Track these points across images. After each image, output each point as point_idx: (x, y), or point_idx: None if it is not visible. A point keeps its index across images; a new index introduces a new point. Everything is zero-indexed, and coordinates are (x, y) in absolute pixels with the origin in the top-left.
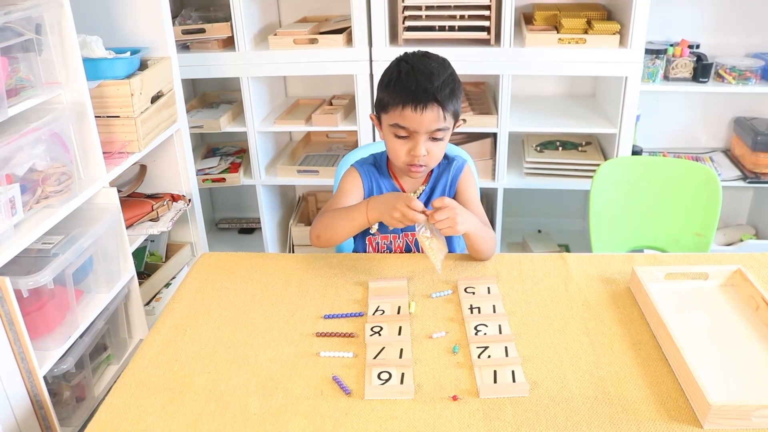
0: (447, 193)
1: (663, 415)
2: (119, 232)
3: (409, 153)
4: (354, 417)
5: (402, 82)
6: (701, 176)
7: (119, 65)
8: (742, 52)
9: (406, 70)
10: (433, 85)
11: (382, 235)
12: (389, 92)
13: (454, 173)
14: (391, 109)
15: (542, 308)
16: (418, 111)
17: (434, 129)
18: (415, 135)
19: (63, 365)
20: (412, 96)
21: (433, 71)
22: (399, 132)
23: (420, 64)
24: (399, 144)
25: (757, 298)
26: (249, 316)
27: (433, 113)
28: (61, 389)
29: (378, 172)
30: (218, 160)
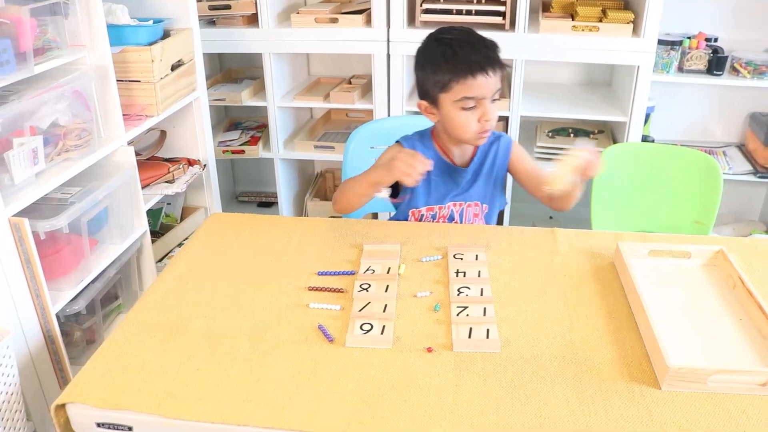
0: (496, 167)
1: (625, 376)
2: (134, 189)
3: (479, 121)
4: (333, 361)
5: (458, 55)
6: (703, 165)
7: (142, 32)
8: (760, 47)
9: (451, 45)
10: (487, 50)
11: (428, 207)
12: (449, 69)
13: (504, 149)
14: (456, 84)
15: (526, 276)
16: (488, 75)
17: (496, 89)
18: (483, 101)
19: (75, 306)
20: (478, 64)
21: (476, 39)
22: (467, 104)
23: (463, 36)
24: (467, 116)
25: (734, 278)
26: (248, 270)
27: (496, 75)
28: (72, 330)
29: (423, 146)
30: (239, 133)
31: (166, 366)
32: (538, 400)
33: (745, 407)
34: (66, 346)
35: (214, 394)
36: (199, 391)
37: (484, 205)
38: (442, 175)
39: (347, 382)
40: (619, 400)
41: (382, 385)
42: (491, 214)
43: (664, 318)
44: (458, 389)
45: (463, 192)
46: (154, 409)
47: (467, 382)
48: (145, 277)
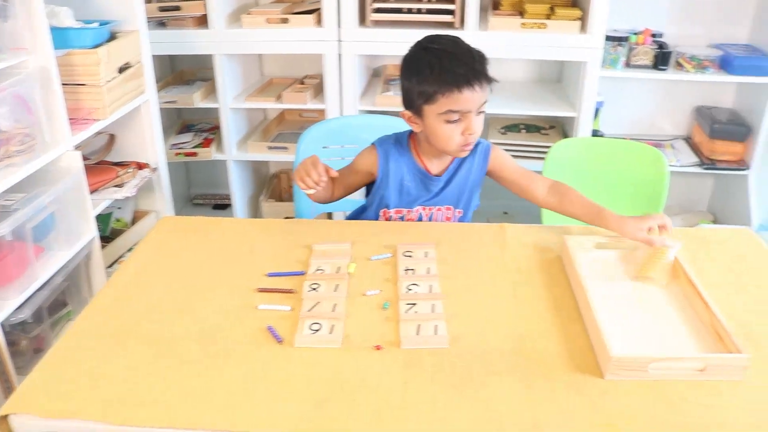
0: (473, 174)
1: (571, 367)
2: (81, 194)
3: (463, 134)
4: (283, 361)
5: (445, 68)
6: (649, 157)
7: (87, 35)
8: (704, 43)
9: (441, 56)
10: (474, 64)
11: (397, 210)
12: (432, 82)
13: (482, 156)
14: (441, 97)
15: (475, 272)
16: (470, 92)
17: (481, 103)
18: (467, 114)
19: (20, 315)
20: (461, 79)
21: (464, 50)
22: (451, 117)
23: (450, 47)
24: (452, 128)
25: (677, 268)
26: (198, 274)
27: (482, 89)
28: (19, 339)
29: (398, 151)
30: (192, 136)
31: (113, 372)
32: (486, 394)
33: (684, 393)
34: (12, 356)
35: (163, 398)
36: (147, 397)
37: (457, 210)
38: (414, 180)
39: (296, 382)
40: (565, 391)
41: (332, 384)
42: (465, 218)
43: (609, 309)
44: (407, 386)
45: (433, 197)
46: (101, 416)
47: (416, 379)
48: (94, 283)
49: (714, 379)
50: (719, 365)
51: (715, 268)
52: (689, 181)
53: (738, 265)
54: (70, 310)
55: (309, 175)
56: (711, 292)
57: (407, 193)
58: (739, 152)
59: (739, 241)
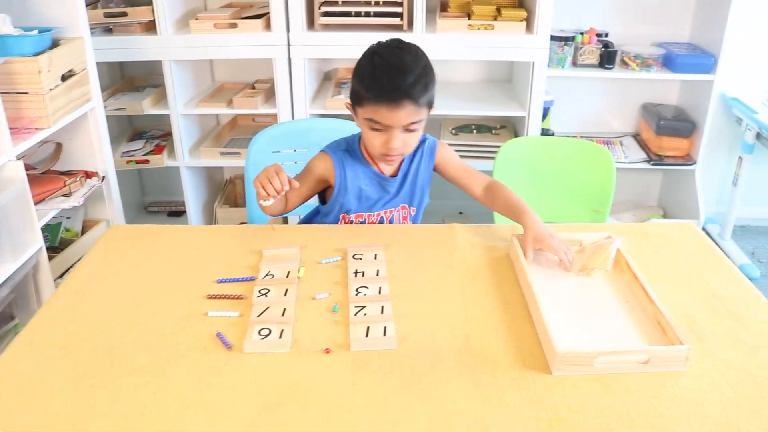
0: (422, 170)
1: (519, 364)
2: (25, 204)
3: (384, 145)
4: (232, 368)
5: (376, 78)
6: (596, 155)
7: (27, 42)
8: (648, 41)
9: (380, 64)
10: (406, 83)
11: (357, 214)
12: (364, 87)
13: (429, 152)
14: (366, 104)
15: (424, 272)
16: (391, 109)
17: (408, 123)
18: (390, 129)
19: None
20: (387, 94)
21: (406, 66)
22: (374, 126)
23: (393, 58)
24: (375, 136)
25: (622, 262)
26: (147, 282)
27: (407, 110)
28: None
29: (351, 157)
30: (144, 143)
31: (60, 384)
32: (436, 393)
33: (629, 385)
34: None
35: (110, 409)
36: (94, 407)
37: (411, 208)
38: (372, 184)
39: (246, 388)
40: (513, 388)
41: (281, 389)
42: (418, 216)
43: (555, 305)
44: (356, 388)
45: (392, 198)
46: (47, 429)
47: (365, 381)
48: (43, 295)
49: (657, 371)
50: (662, 357)
51: (659, 261)
52: (639, 177)
53: (681, 258)
54: (18, 323)
55: (271, 182)
56: (655, 285)
57: (367, 198)
58: (685, 148)
59: (682, 235)
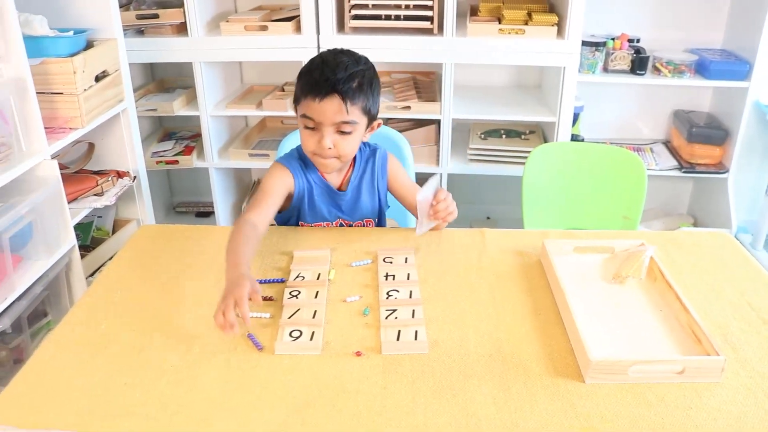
0: (377, 182)
1: (551, 371)
2: (59, 203)
3: (316, 144)
4: (262, 369)
5: (310, 73)
6: (628, 162)
7: (62, 44)
8: (680, 47)
9: (317, 62)
10: (336, 77)
11: (316, 223)
12: (298, 83)
13: (381, 163)
14: (301, 99)
15: (454, 277)
16: (316, 100)
17: (339, 121)
18: (321, 126)
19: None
20: (314, 85)
21: (340, 64)
22: (307, 123)
23: (330, 58)
24: (307, 135)
25: (655, 270)
26: (178, 281)
27: (333, 104)
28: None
29: (305, 167)
30: (173, 144)
31: (92, 382)
32: (466, 399)
33: (663, 395)
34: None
35: (142, 408)
36: (126, 407)
37: (375, 219)
38: (322, 195)
39: (276, 389)
40: (544, 395)
41: (312, 391)
42: (381, 224)
43: (588, 312)
44: (386, 392)
45: (348, 213)
46: (78, 427)
47: (395, 385)
48: (75, 293)
49: (692, 381)
50: (697, 367)
51: (693, 270)
52: (669, 185)
53: (715, 268)
54: (50, 320)
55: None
56: (689, 294)
57: (319, 209)
58: (717, 156)
59: (716, 245)
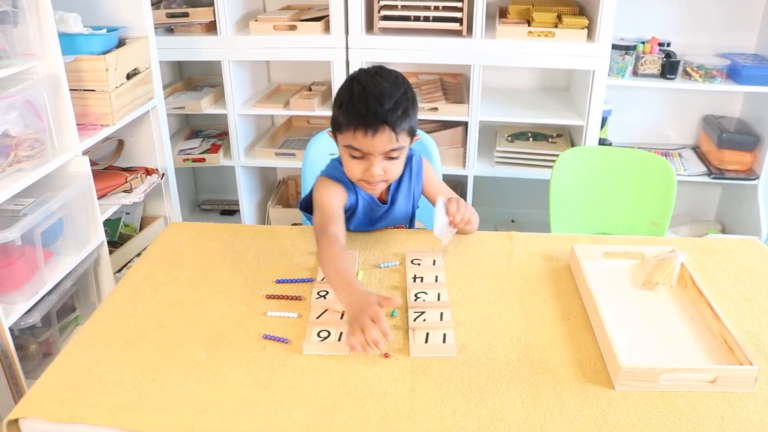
0: (413, 189)
1: (580, 377)
2: (90, 199)
3: (364, 172)
4: (290, 369)
5: (353, 104)
6: (657, 167)
7: (96, 41)
8: (711, 51)
9: (358, 91)
10: (384, 108)
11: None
12: (342, 114)
13: (417, 169)
14: (345, 130)
15: (482, 280)
16: (369, 135)
17: (388, 150)
18: (370, 156)
19: (29, 319)
20: (363, 120)
21: (384, 92)
22: (354, 153)
23: (371, 84)
24: (354, 163)
25: (686, 277)
26: (206, 279)
27: (384, 137)
28: (27, 343)
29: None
30: (200, 142)
31: (121, 377)
32: (494, 403)
33: (695, 404)
34: (21, 360)
35: (170, 404)
36: (155, 402)
37: (405, 225)
38: (365, 207)
39: (304, 389)
40: (573, 401)
41: (339, 391)
42: (411, 226)
43: (618, 319)
44: (415, 394)
45: (381, 220)
46: (108, 421)
47: (423, 387)
48: (103, 288)
49: (725, 391)
50: (730, 377)
51: (724, 278)
52: (697, 191)
53: (747, 275)
54: (78, 315)
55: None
56: (720, 302)
57: (357, 218)
58: (747, 162)
59: (747, 252)
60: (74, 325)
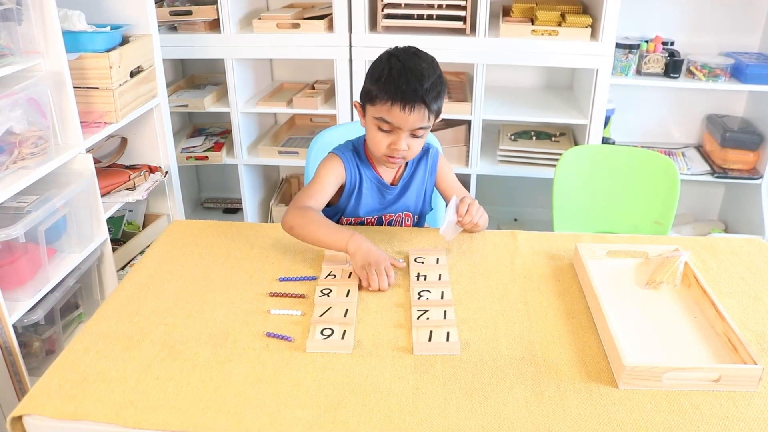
0: (426, 179)
1: (584, 375)
2: (93, 197)
3: (389, 146)
4: (294, 366)
5: (393, 79)
6: (661, 166)
7: (99, 39)
8: (715, 50)
9: (397, 67)
10: (423, 87)
11: (356, 218)
12: (379, 87)
13: (432, 162)
14: (379, 103)
15: (486, 279)
16: (406, 111)
17: (417, 127)
18: (398, 131)
19: (32, 316)
20: (402, 95)
21: (424, 72)
22: (383, 126)
23: (411, 63)
24: (382, 136)
25: (690, 276)
26: (209, 277)
27: (419, 114)
28: (31, 340)
29: (359, 162)
30: (203, 140)
31: (125, 375)
32: (497, 402)
33: (698, 403)
34: (24, 357)
35: (174, 402)
36: (158, 400)
37: (415, 216)
38: (371, 188)
39: (308, 387)
40: (577, 400)
41: (343, 389)
42: (420, 223)
43: (621, 317)
44: (418, 392)
45: (391, 204)
46: (112, 418)
47: (427, 385)
48: (106, 286)
49: (728, 390)
50: (734, 376)
51: (728, 277)
52: (700, 190)
53: (750, 274)
54: (82, 312)
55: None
56: (724, 301)
57: (365, 203)
58: (751, 161)
59: (751, 251)
60: (77, 322)
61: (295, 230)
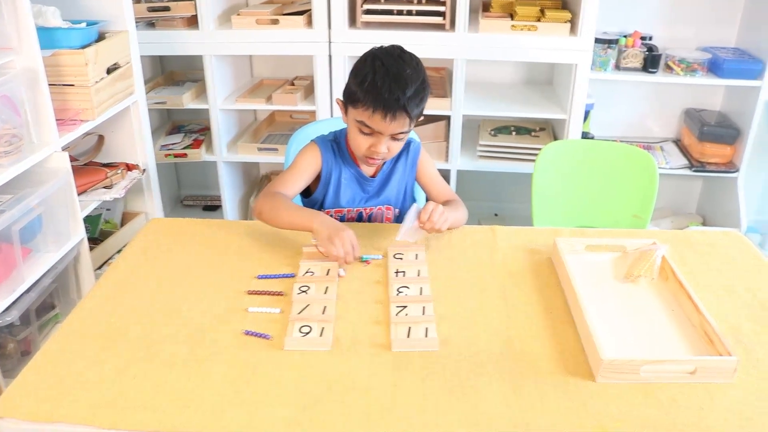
0: (407, 174)
1: (562, 369)
2: (69, 195)
3: (370, 148)
4: (272, 364)
5: (376, 86)
6: (640, 160)
7: (74, 35)
8: (693, 45)
9: (381, 72)
10: (406, 96)
11: (336, 209)
12: (362, 91)
13: (413, 156)
14: (361, 107)
15: (465, 274)
16: (387, 120)
17: (398, 131)
18: (379, 135)
19: (7, 317)
20: (384, 104)
21: (407, 79)
22: (364, 129)
23: (395, 68)
24: (362, 138)
25: (667, 270)
26: (187, 275)
27: (401, 121)
28: (6, 341)
29: (338, 153)
30: (182, 137)
31: (102, 375)
32: (476, 397)
33: (675, 395)
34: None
35: (152, 401)
36: (135, 400)
37: (396, 209)
38: (350, 180)
39: (286, 385)
40: (555, 394)
41: (321, 387)
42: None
43: (599, 311)
44: (397, 389)
45: (372, 197)
46: (89, 420)
47: (405, 382)
48: (83, 285)
49: (704, 382)
50: (710, 368)
51: (705, 270)
52: (678, 183)
53: (727, 267)
54: (58, 313)
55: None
56: (700, 294)
57: (344, 193)
58: (728, 155)
59: (728, 244)
60: (54, 322)
61: (264, 215)
